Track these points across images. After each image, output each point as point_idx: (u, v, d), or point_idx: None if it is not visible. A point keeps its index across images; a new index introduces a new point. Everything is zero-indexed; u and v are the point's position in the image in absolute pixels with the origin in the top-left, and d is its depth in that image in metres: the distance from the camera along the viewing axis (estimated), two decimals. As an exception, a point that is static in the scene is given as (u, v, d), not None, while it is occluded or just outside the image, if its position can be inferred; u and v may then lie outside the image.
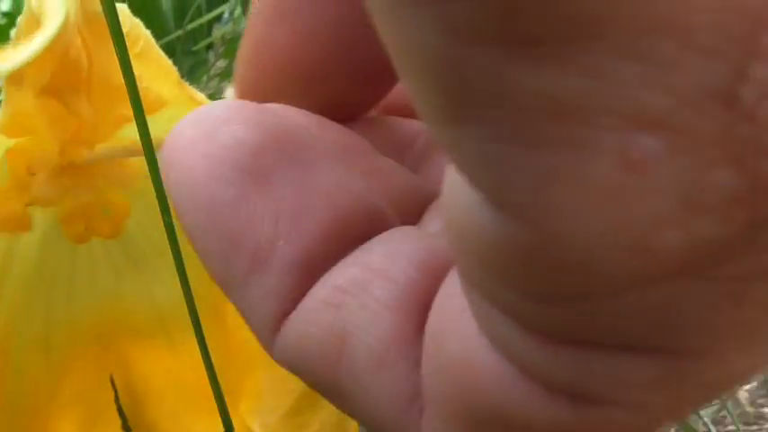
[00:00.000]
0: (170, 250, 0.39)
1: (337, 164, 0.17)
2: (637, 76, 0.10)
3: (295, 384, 0.35)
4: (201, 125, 0.17)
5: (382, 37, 0.11)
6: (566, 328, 0.12)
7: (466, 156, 0.11)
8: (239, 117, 0.17)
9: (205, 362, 0.24)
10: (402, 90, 0.21)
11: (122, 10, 0.29)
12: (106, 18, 0.23)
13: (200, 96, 0.33)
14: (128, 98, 0.27)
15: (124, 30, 0.29)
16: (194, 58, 0.40)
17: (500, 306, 0.13)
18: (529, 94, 0.10)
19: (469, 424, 0.14)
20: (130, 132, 0.31)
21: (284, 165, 0.16)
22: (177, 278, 0.39)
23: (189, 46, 0.49)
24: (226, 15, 0.47)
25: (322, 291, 0.16)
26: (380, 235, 0.17)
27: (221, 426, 0.30)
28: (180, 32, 0.45)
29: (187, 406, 0.36)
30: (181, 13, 0.48)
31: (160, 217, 0.39)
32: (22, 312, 0.37)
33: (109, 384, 0.37)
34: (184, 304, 0.39)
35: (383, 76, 0.20)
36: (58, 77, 0.28)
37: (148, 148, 0.22)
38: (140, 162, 0.33)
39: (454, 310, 0.14)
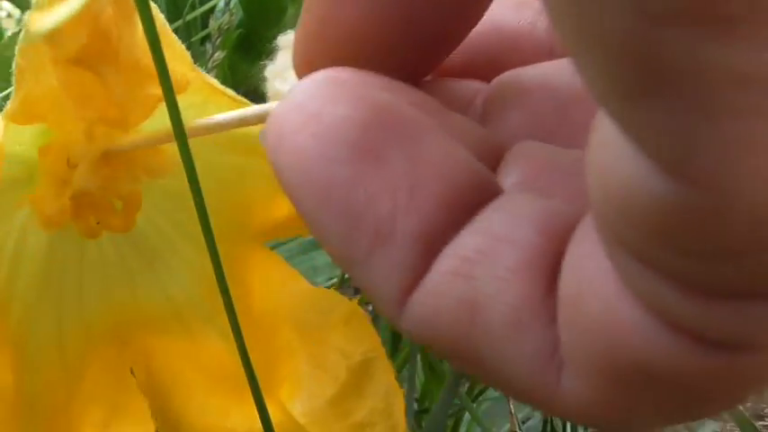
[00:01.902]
0: (181, 243, 0.38)
1: (438, 133, 0.17)
2: None
3: (339, 371, 0.35)
4: (305, 107, 0.17)
5: (557, 17, 0.12)
6: (727, 282, 0.13)
7: (648, 128, 0.12)
8: (341, 95, 0.17)
9: (240, 350, 0.24)
10: (459, 54, 0.21)
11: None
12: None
13: (214, 81, 0.32)
14: (155, 78, 0.26)
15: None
16: (191, 50, 0.39)
17: (656, 266, 0.13)
18: (722, 69, 0.11)
19: (611, 378, 0.15)
20: (157, 116, 0.31)
21: (392, 139, 0.17)
22: (190, 272, 0.39)
23: (185, 38, 0.48)
24: (221, 6, 0.46)
25: (448, 261, 0.17)
26: (495, 201, 0.17)
27: (250, 413, 0.30)
28: (179, 23, 0.45)
29: (213, 396, 0.36)
30: (175, 6, 0.48)
31: (170, 210, 0.39)
32: (33, 313, 0.37)
33: (129, 380, 0.36)
34: (199, 297, 0.38)
35: (441, 42, 0.20)
36: (89, 46, 0.27)
37: (179, 129, 0.21)
38: (174, 149, 0.32)
39: (590, 271, 0.15)
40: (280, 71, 0.29)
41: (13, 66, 0.30)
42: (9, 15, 0.80)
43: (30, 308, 0.37)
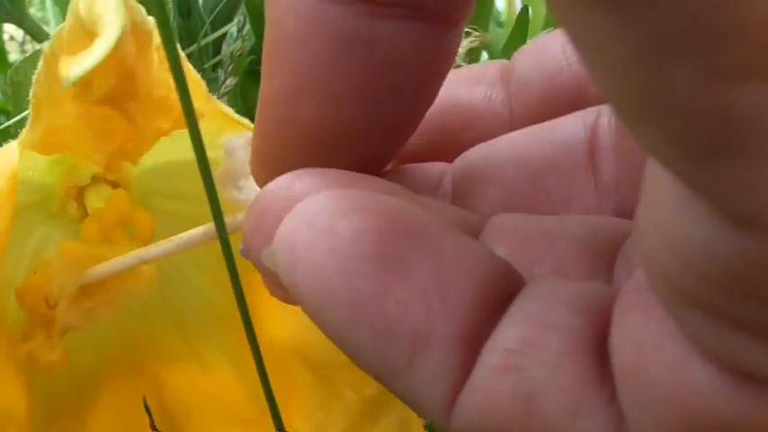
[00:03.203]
0: (192, 272, 0.38)
1: (447, 228, 0.17)
2: None
3: (351, 402, 0.35)
4: (315, 222, 0.17)
5: (607, 86, 0.12)
6: None
7: (723, 186, 0.12)
8: (350, 206, 0.17)
9: (261, 376, 0.24)
10: (416, 137, 0.22)
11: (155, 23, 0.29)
12: (158, 30, 0.22)
13: (228, 110, 0.32)
14: (165, 111, 0.26)
15: (157, 41, 0.28)
16: (203, 75, 0.39)
17: (734, 318, 0.13)
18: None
19: None
20: (164, 146, 0.31)
21: (410, 244, 0.17)
22: (201, 301, 0.39)
23: (198, 64, 0.48)
24: (234, 32, 0.46)
25: (494, 357, 0.16)
26: (526, 289, 0.17)
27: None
28: (193, 48, 0.45)
29: (225, 427, 0.36)
30: (188, 32, 0.48)
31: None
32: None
33: (143, 409, 0.36)
34: (211, 326, 0.38)
35: (401, 128, 0.21)
36: (117, 87, 0.27)
37: (201, 155, 0.21)
38: (152, 270, 0.33)
39: (651, 339, 0.15)
40: (231, 178, 0.28)
41: (30, 92, 0.30)
42: (12, 38, 0.80)
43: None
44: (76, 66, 0.25)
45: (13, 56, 0.72)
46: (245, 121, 0.32)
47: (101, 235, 0.35)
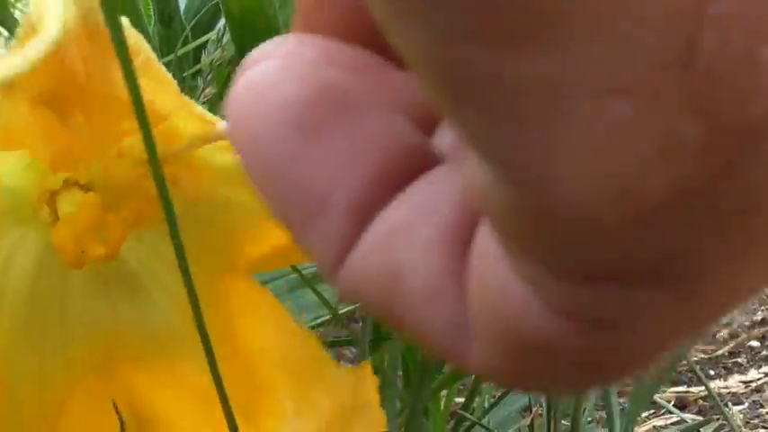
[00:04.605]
0: (165, 274, 0.38)
1: (381, 106, 0.18)
2: (603, 53, 0.12)
3: (324, 410, 0.35)
4: (255, 87, 0.18)
5: (397, 41, 0.13)
6: (580, 268, 0.14)
7: (473, 135, 0.13)
8: (288, 76, 0.18)
9: (217, 386, 0.23)
10: None
11: (124, 22, 0.29)
12: (110, 30, 0.22)
13: (200, 110, 0.32)
14: (128, 111, 0.26)
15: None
16: (183, 84, 0.39)
17: (526, 253, 0.15)
18: (514, 80, 0.12)
19: (510, 352, 0.16)
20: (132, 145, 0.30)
21: (333, 117, 0.18)
22: (173, 303, 0.38)
23: (177, 73, 0.48)
24: (213, 41, 0.46)
25: (375, 232, 0.18)
26: (425, 175, 0.18)
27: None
28: (170, 57, 0.45)
29: (196, 431, 0.35)
30: (168, 40, 0.48)
31: (154, 241, 0.39)
32: (16, 345, 0.36)
33: (113, 413, 0.36)
34: (182, 329, 0.38)
35: None
36: (52, 88, 0.27)
37: (154, 161, 0.21)
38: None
39: (492, 251, 0.16)
40: None
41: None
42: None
43: (12, 340, 0.36)
44: (3, 68, 0.25)
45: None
46: (221, 123, 0.32)
47: (73, 239, 0.35)
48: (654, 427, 1.20)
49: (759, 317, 1.52)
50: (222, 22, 0.48)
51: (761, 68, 0.12)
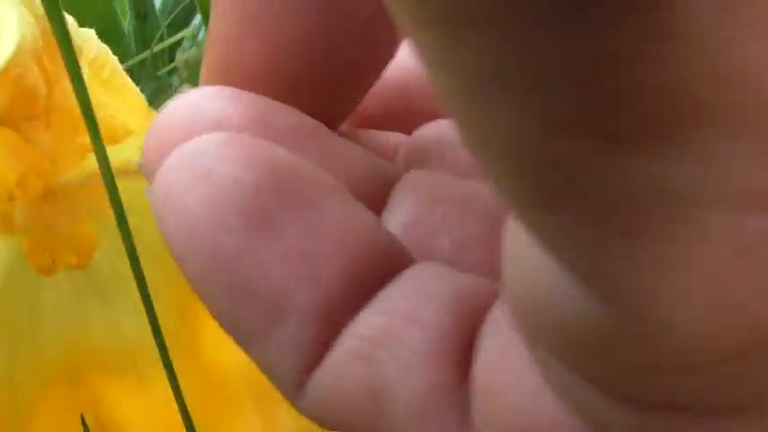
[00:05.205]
0: (135, 283, 0.38)
1: (342, 195, 0.16)
2: (746, 156, 0.09)
3: (288, 427, 0.34)
4: (194, 165, 0.15)
5: (456, 119, 0.10)
6: (657, 397, 0.12)
7: (558, 240, 0.11)
8: (233, 154, 0.15)
9: (177, 399, 0.23)
10: (375, 100, 0.20)
11: (90, 35, 0.28)
12: (57, 42, 0.22)
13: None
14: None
15: (90, 55, 0.28)
16: (158, 82, 0.39)
17: (582, 373, 0.12)
18: (634, 185, 0.09)
19: None
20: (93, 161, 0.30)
21: (288, 204, 0.15)
22: (143, 312, 0.38)
23: (152, 71, 0.48)
24: (189, 39, 0.46)
25: (349, 342, 0.15)
26: (403, 274, 0.16)
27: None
28: (144, 55, 0.44)
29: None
30: (143, 36, 0.47)
31: (124, 249, 0.38)
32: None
33: (79, 424, 0.36)
34: (151, 339, 0.38)
35: (358, 78, 0.19)
36: (13, 105, 0.26)
37: (108, 176, 0.21)
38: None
39: (508, 362, 0.14)
40: None
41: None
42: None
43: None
44: None
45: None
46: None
47: (43, 248, 0.35)
48: None
49: None
50: (198, 18, 0.47)
51: None
